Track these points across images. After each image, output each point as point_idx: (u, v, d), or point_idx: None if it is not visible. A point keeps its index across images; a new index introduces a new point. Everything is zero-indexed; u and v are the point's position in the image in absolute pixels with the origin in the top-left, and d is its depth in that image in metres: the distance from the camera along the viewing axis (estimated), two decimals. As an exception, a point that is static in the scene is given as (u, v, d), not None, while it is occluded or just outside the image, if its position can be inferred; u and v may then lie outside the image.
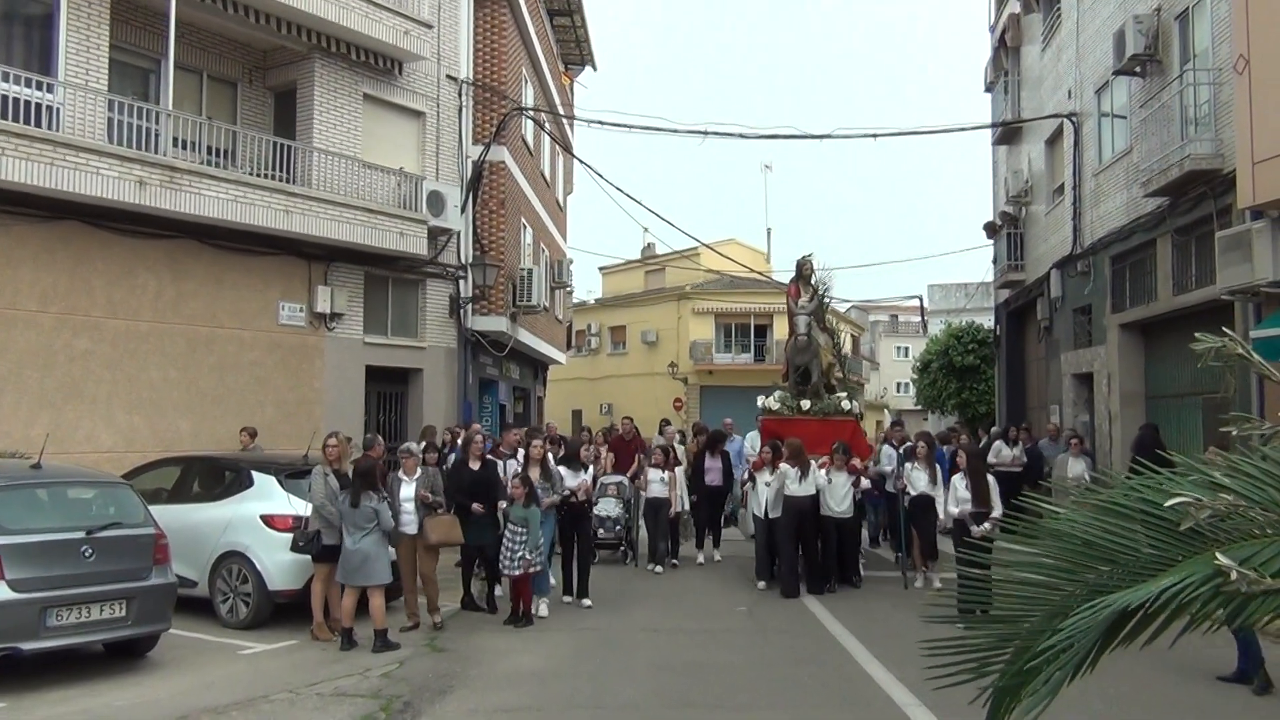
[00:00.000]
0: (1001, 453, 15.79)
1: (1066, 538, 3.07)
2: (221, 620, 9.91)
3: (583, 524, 11.66)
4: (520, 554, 10.01)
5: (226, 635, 9.56)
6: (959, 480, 11.17)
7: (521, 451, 11.69)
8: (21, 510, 7.93)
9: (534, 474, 10.77)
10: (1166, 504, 2.80)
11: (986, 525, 10.64)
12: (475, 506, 10.43)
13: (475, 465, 10.89)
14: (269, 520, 9.89)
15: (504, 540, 10.18)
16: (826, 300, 15.17)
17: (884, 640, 9.39)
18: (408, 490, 10.10)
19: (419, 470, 10.32)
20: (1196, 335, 3.20)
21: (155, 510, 8.95)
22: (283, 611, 9.87)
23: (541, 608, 10.61)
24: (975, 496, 10.91)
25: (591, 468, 12.44)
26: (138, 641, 8.45)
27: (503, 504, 10.44)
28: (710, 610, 11.13)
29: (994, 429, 20.22)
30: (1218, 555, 2.51)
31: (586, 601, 11.22)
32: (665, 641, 9.56)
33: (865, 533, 15.22)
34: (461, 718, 7.14)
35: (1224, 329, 3.17)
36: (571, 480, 11.43)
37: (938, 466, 12.58)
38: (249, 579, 9.84)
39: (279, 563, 9.73)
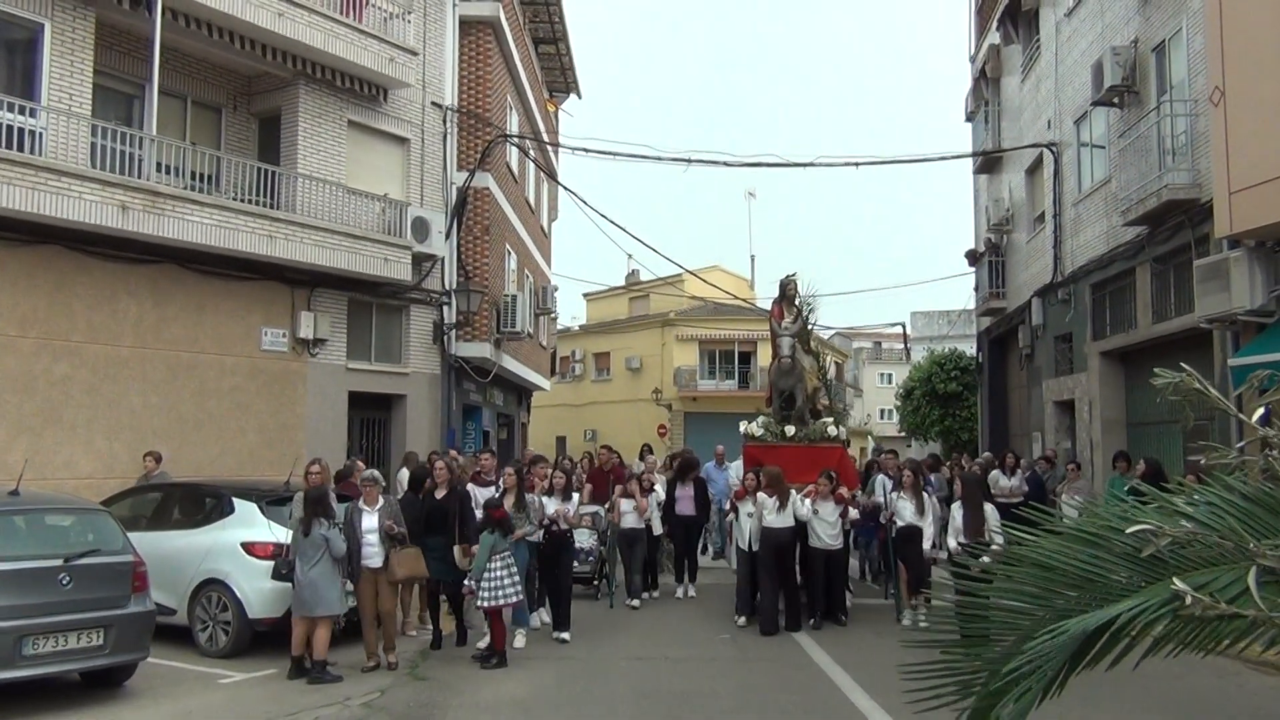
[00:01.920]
0: (999, 483, 14.83)
1: (1038, 564, 3.14)
2: (201, 649, 9.79)
3: (563, 554, 11.29)
4: (467, 582, 9.57)
5: (206, 664, 9.44)
6: (958, 510, 10.73)
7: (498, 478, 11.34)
8: (-2, 537, 7.84)
9: (508, 503, 10.28)
10: (1128, 531, 2.87)
11: (985, 560, 10.19)
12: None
13: (440, 494, 10.34)
14: (249, 548, 9.79)
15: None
16: (811, 322, 14.37)
17: (868, 668, 9.36)
18: (370, 521, 9.47)
19: (381, 499, 9.68)
20: (1155, 370, 3.30)
21: (134, 537, 8.87)
22: (263, 640, 9.76)
23: (517, 639, 10.29)
24: (968, 527, 10.50)
25: (576, 496, 12.01)
26: (115, 670, 8.33)
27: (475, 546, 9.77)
28: (694, 639, 11.07)
29: (985, 455, 18.90)
30: (1174, 580, 2.58)
31: (565, 635, 10.84)
32: (648, 670, 9.50)
33: (856, 565, 14.74)
34: (443, 747, 7.07)
35: (1182, 364, 3.27)
36: (551, 508, 11.07)
37: (925, 496, 12.03)
38: (229, 607, 9.72)
39: (259, 591, 9.63)
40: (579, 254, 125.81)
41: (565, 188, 25.35)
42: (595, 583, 13.58)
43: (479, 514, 10.23)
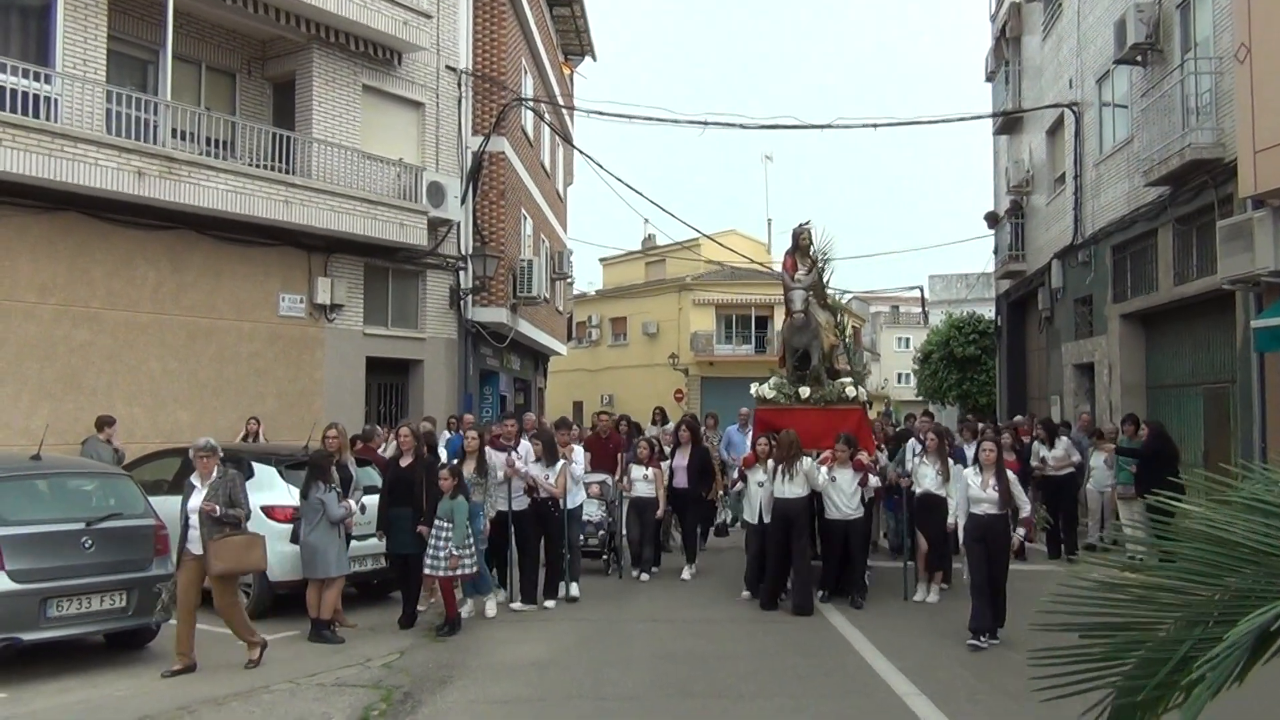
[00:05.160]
0: (1040, 454, 13.57)
1: (1203, 538, 2.83)
2: (222, 611, 9.89)
3: (548, 523, 10.70)
4: (446, 550, 9.15)
5: (227, 626, 9.53)
6: (973, 475, 9.24)
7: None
8: (21, 501, 7.94)
9: (469, 468, 10.01)
10: None
11: (1022, 531, 9.27)
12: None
13: (405, 462, 9.90)
14: (269, 511, 9.84)
15: (430, 538, 9.33)
16: (827, 273, 12.92)
17: (885, 630, 9.38)
18: (195, 499, 8.11)
19: (215, 473, 8.19)
20: None
21: (155, 501, 8.95)
22: (283, 603, 9.86)
23: (489, 608, 10.05)
24: (1003, 498, 8.96)
25: (561, 462, 10.89)
26: (138, 632, 8.45)
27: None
28: (710, 601, 11.09)
29: (1017, 418, 17.84)
30: None
31: (549, 603, 10.59)
32: (665, 632, 9.55)
33: (885, 541, 13.93)
34: (462, 708, 7.14)
35: None
36: (536, 472, 10.60)
37: (950, 462, 10.86)
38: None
39: (279, 554, 9.66)
40: (595, 219, 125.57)
41: (581, 151, 25.21)
42: (604, 556, 12.61)
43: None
